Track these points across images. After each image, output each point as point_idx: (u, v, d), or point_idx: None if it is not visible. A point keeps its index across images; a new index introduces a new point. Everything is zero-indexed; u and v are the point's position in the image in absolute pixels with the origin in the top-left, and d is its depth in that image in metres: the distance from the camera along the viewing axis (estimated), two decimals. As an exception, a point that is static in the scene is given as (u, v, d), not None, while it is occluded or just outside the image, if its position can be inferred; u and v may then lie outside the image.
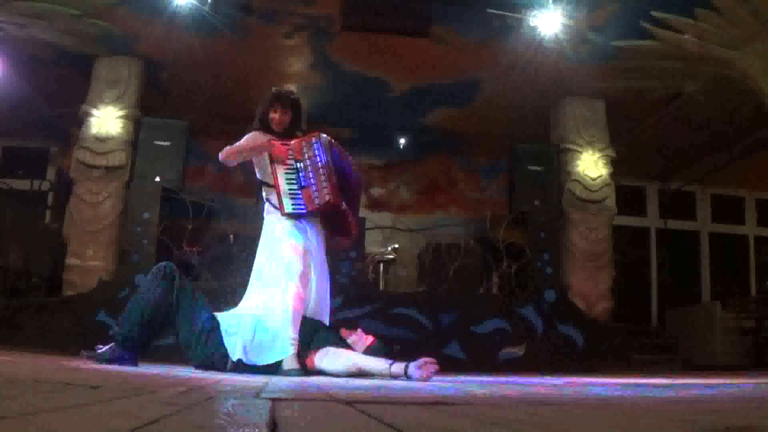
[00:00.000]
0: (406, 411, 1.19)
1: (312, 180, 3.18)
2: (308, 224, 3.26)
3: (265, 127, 3.35)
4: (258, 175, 3.36)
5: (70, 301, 5.69)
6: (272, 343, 2.98)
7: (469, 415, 1.15)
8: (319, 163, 3.20)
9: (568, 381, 3.14)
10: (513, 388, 2.32)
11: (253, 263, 3.32)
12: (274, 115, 3.33)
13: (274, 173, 3.19)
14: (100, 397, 1.22)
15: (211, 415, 0.99)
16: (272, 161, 3.20)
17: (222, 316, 3.08)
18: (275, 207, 3.23)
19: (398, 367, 2.74)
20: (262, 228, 3.34)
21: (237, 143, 3.29)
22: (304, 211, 3.18)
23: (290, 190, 3.18)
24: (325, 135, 3.34)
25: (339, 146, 3.39)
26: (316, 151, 3.22)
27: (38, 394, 1.19)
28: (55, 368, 2.31)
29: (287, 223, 3.20)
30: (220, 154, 3.25)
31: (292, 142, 3.25)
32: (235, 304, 3.26)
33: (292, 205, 3.18)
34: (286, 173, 3.19)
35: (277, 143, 3.22)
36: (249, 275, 3.30)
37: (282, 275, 3.12)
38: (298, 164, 3.19)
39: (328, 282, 3.39)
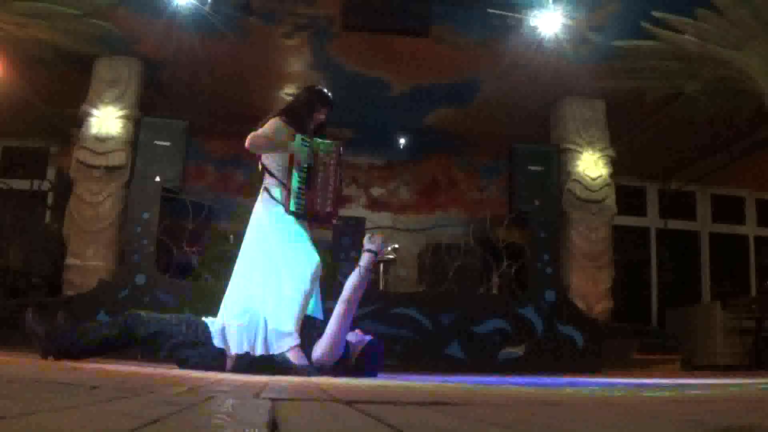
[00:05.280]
0: (406, 411, 1.19)
1: (320, 186, 3.27)
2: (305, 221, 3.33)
3: (298, 120, 3.35)
4: (265, 161, 3.33)
5: (70, 301, 5.68)
6: (278, 336, 2.99)
7: (469, 415, 1.15)
8: (332, 172, 3.30)
9: (568, 381, 3.14)
10: (513, 388, 2.32)
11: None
12: (320, 118, 3.43)
13: (290, 172, 3.24)
14: (100, 397, 1.22)
15: (211, 415, 0.99)
16: (292, 161, 3.25)
17: (211, 321, 3.08)
18: (274, 199, 3.24)
19: (365, 259, 3.08)
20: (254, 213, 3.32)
21: (264, 133, 3.23)
22: (304, 214, 3.26)
23: (298, 189, 3.22)
24: (341, 145, 3.40)
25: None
26: (333, 160, 3.32)
27: (38, 394, 1.19)
28: (55, 368, 2.31)
29: (291, 219, 3.23)
30: (247, 141, 3.15)
31: (318, 141, 3.31)
32: None
33: (296, 205, 3.22)
34: (299, 174, 3.25)
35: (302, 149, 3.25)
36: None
37: (289, 272, 3.12)
38: (314, 167, 3.27)
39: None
